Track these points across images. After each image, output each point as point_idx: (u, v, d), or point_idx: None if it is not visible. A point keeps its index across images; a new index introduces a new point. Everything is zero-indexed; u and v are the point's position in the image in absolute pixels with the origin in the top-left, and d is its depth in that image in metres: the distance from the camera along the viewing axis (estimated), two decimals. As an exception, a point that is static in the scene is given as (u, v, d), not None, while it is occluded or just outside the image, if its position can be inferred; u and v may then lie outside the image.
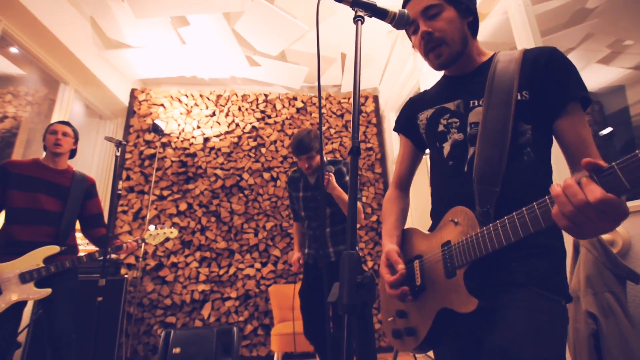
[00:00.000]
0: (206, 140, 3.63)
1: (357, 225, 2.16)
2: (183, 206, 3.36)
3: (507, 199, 0.72)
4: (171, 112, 3.67)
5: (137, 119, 3.60)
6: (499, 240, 0.66)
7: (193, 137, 3.61)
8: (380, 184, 3.73)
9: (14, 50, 2.63)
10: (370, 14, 0.74)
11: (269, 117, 3.81)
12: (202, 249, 3.28)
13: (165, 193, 3.39)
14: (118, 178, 3.32)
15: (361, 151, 3.80)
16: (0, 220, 1.84)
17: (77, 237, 2.03)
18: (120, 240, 2.52)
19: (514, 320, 0.67)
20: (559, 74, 0.76)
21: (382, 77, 3.84)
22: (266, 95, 3.87)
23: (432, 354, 0.90)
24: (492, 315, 0.71)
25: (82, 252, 1.89)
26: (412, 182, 1.09)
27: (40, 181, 1.86)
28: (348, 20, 2.82)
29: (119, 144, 1.95)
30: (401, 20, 0.76)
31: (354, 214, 0.59)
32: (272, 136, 3.71)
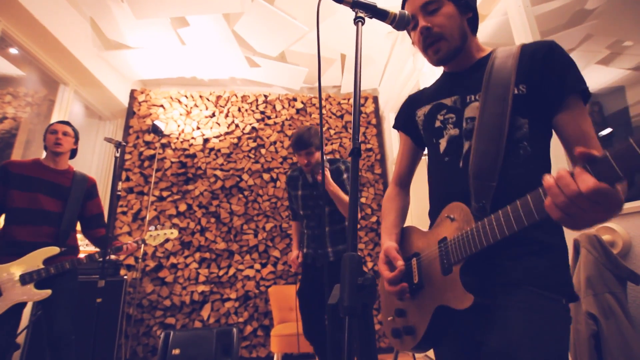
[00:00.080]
0: (206, 141, 3.63)
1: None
2: (183, 207, 3.36)
3: (504, 194, 0.71)
4: (171, 113, 3.67)
5: (136, 120, 3.60)
6: (494, 234, 0.65)
7: (193, 138, 3.61)
8: (380, 185, 3.73)
9: (13, 51, 2.62)
10: (371, 15, 0.74)
11: (269, 118, 3.80)
12: (202, 250, 3.28)
13: (165, 194, 3.38)
14: (117, 179, 3.32)
15: (361, 152, 3.80)
16: (0, 221, 1.83)
17: (77, 238, 2.02)
18: (120, 241, 2.52)
19: (513, 321, 0.67)
20: (557, 67, 0.75)
21: (382, 77, 3.84)
22: (266, 96, 3.87)
23: (432, 354, 0.89)
24: (491, 316, 0.70)
25: (82, 253, 1.89)
26: (413, 182, 1.08)
27: (41, 181, 1.86)
28: (348, 21, 2.82)
29: (119, 144, 1.95)
30: (401, 22, 0.76)
31: (355, 215, 0.59)
32: (272, 137, 3.71)
